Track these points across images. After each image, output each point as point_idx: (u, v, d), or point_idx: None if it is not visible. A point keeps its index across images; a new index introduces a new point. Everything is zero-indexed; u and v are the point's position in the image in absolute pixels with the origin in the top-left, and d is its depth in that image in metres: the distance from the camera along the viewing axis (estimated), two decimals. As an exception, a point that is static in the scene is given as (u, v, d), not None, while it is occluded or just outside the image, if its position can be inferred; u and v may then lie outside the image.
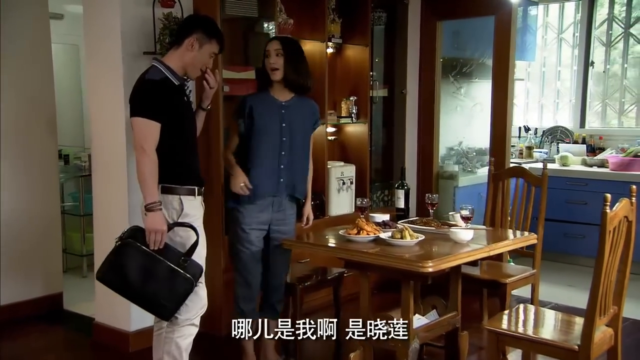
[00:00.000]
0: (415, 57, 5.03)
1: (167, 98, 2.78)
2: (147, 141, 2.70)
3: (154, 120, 2.72)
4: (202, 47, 2.85)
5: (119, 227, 3.62)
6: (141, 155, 2.70)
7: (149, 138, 2.71)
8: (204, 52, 2.87)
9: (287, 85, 3.23)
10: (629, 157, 5.40)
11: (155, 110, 2.72)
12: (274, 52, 3.18)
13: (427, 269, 2.60)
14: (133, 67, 3.56)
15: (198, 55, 2.85)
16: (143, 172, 2.69)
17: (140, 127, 2.72)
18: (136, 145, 2.73)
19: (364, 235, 2.99)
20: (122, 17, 3.56)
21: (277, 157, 3.24)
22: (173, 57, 2.87)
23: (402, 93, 5.05)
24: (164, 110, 2.76)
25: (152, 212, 2.69)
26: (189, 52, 2.84)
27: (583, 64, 6.17)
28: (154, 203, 2.70)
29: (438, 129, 5.03)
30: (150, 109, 2.72)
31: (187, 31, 2.86)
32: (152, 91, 2.75)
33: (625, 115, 6.07)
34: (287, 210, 3.33)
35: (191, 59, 2.85)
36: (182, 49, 2.85)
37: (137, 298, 2.74)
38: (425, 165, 5.03)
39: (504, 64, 4.54)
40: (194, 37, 2.83)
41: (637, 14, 5.93)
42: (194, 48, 2.84)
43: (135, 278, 2.68)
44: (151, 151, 2.71)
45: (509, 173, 3.90)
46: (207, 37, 2.86)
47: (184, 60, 2.85)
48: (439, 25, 4.92)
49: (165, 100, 2.77)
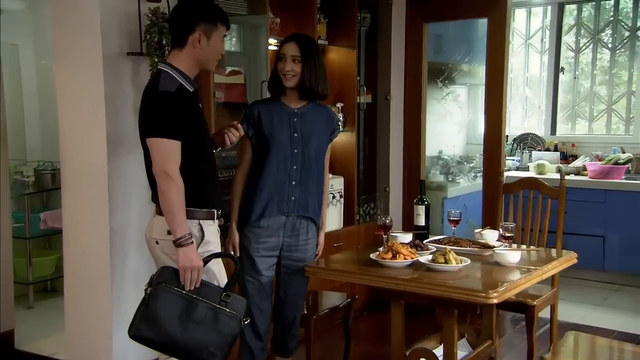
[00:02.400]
0: (400, 61, 4.76)
1: (186, 111, 2.38)
2: (171, 164, 2.31)
3: (175, 139, 2.32)
4: (210, 37, 2.45)
5: (98, 250, 3.19)
6: (166, 182, 2.30)
7: (172, 160, 2.31)
8: (215, 42, 2.47)
9: (302, 92, 2.85)
10: (609, 165, 5.34)
11: (175, 127, 2.33)
12: (290, 57, 2.79)
13: (491, 300, 2.30)
14: (115, 69, 3.12)
15: (209, 48, 2.46)
16: (170, 201, 2.30)
17: (161, 149, 2.32)
18: (158, 171, 2.33)
19: (401, 259, 2.67)
20: (102, 13, 3.07)
21: (288, 171, 2.85)
22: (181, 58, 2.46)
23: (386, 99, 4.76)
24: (184, 125, 2.36)
25: (183, 247, 2.31)
26: (197, 49, 2.44)
27: (553, 70, 6.10)
28: (185, 237, 2.30)
29: (425, 137, 4.76)
30: (170, 126, 2.33)
31: (188, 28, 2.44)
32: (170, 106, 2.34)
33: (595, 121, 6.04)
34: (302, 235, 2.92)
35: (203, 55, 2.46)
36: (188, 47, 2.45)
37: (182, 351, 2.32)
38: (412, 176, 4.76)
39: (499, 67, 4.34)
40: (198, 31, 2.43)
41: (606, 21, 5.91)
42: (201, 43, 2.44)
43: (175, 328, 2.27)
44: (177, 175, 2.31)
45: (522, 185, 3.67)
46: (212, 24, 2.46)
47: (196, 59, 2.47)
48: (425, 27, 4.66)
49: (184, 115, 2.37)
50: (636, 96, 5.73)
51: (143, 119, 2.41)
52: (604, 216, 5.28)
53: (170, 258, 2.39)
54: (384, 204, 4.80)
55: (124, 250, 3.24)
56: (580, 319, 4.40)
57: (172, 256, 2.38)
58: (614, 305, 4.81)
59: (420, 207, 3.20)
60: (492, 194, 4.40)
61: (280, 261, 2.90)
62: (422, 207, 3.20)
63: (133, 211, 3.25)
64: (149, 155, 2.41)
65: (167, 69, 2.43)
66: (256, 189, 2.79)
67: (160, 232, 2.43)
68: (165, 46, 3.14)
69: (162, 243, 2.43)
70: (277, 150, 2.82)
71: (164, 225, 2.38)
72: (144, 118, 2.40)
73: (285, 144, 2.83)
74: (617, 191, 5.26)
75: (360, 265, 2.74)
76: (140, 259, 3.26)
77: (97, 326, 3.27)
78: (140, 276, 3.27)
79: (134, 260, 3.27)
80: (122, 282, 3.24)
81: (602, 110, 5.98)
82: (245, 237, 2.82)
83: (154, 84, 2.40)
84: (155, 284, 2.31)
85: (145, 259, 3.28)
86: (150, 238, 2.49)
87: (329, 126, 2.98)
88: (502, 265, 2.69)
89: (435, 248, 2.89)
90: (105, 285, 3.21)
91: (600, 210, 5.27)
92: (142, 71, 3.22)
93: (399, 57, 4.75)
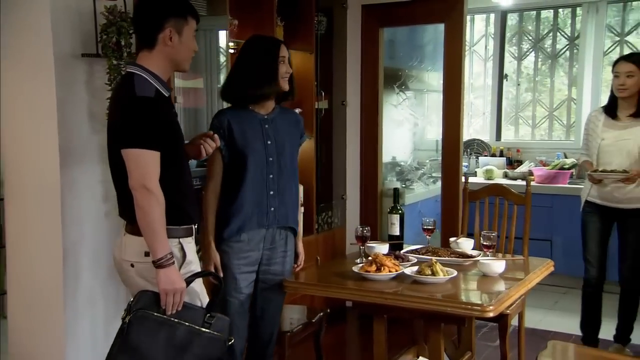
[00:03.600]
0: (356, 65, 4.67)
1: (165, 119, 2.19)
2: (151, 177, 2.10)
3: (154, 150, 2.12)
4: (181, 34, 2.25)
5: (49, 269, 2.91)
6: (146, 197, 2.09)
7: (151, 173, 2.11)
8: (187, 38, 2.28)
9: (285, 94, 2.75)
10: (555, 170, 5.45)
11: (154, 137, 2.13)
12: (287, 60, 2.70)
13: (488, 313, 2.23)
14: (68, 71, 2.86)
15: (182, 46, 2.27)
16: (151, 218, 2.09)
17: (140, 161, 2.11)
18: (136, 186, 2.11)
19: (386, 272, 2.56)
20: (53, 11, 2.81)
21: (265, 181, 2.70)
22: (152, 59, 2.25)
23: (342, 104, 4.66)
24: (163, 134, 2.16)
25: (164, 267, 2.11)
26: (169, 47, 2.24)
27: (497, 77, 6.18)
28: (166, 257, 2.09)
29: (382, 143, 4.69)
30: (149, 136, 2.13)
31: (156, 25, 2.24)
32: (149, 113, 2.14)
33: (537, 127, 6.17)
34: (280, 247, 2.78)
35: (176, 54, 2.27)
36: (159, 47, 2.25)
37: None
38: (369, 183, 4.68)
39: (457, 72, 4.33)
40: (168, 28, 2.23)
41: (546, 29, 6.05)
42: (173, 41, 2.24)
43: (159, 357, 2.05)
44: (157, 190, 2.11)
45: (488, 191, 3.65)
46: (182, 18, 2.26)
47: (168, 59, 2.27)
48: (381, 32, 4.59)
49: (163, 123, 2.18)
50: (577, 103, 5.88)
51: (116, 127, 2.19)
52: (551, 220, 5.38)
53: (149, 282, 2.17)
54: (341, 212, 4.70)
55: (77, 269, 2.98)
56: (536, 324, 4.44)
57: (152, 280, 2.16)
58: (565, 308, 4.89)
59: (395, 216, 3.12)
60: (451, 200, 4.39)
61: (257, 276, 2.74)
62: (397, 216, 3.12)
63: (87, 226, 3.00)
64: (119, 166, 2.20)
65: (139, 71, 2.22)
66: (234, 203, 2.62)
67: (135, 253, 2.21)
68: (124, 47, 2.92)
69: (138, 266, 2.20)
70: (252, 160, 2.67)
71: (140, 245, 2.17)
72: (117, 126, 2.19)
73: (261, 153, 2.69)
74: (562, 195, 5.37)
75: (343, 279, 2.62)
76: (95, 280, 3.02)
77: (47, 354, 2.99)
78: (95, 298, 3.03)
79: (88, 280, 3.02)
80: (75, 305, 2.97)
81: (544, 116, 6.11)
82: (225, 253, 2.64)
83: (129, 88, 2.17)
84: (133, 311, 2.08)
85: (100, 280, 3.05)
86: (123, 260, 2.26)
87: (298, 130, 2.89)
88: (487, 275, 2.63)
89: (415, 259, 2.80)
90: (57, 308, 2.93)
91: (547, 214, 5.36)
92: (98, 73, 2.98)
93: (354, 62, 4.66)
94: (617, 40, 5.70)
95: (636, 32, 5.62)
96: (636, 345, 3.96)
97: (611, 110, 3.74)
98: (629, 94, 3.64)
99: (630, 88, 3.62)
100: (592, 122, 3.84)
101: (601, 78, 5.71)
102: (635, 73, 3.61)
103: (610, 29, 5.73)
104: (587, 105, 5.73)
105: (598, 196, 3.75)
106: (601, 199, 3.74)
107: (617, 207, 3.70)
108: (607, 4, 5.67)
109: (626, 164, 3.60)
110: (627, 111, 3.68)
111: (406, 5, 4.46)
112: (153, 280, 2.14)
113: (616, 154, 3.66)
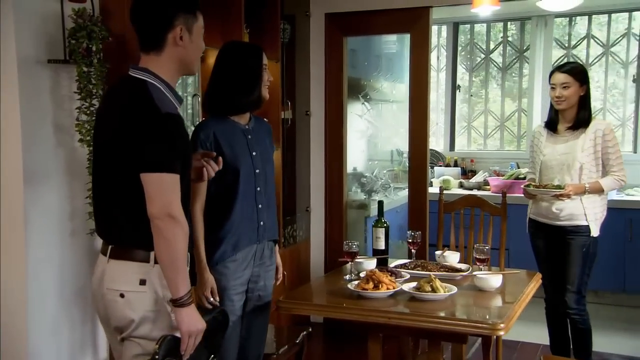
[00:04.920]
0: (320, 75, 4.57)
1: (186, 139, 2.00)
2: (175, 205, 1.85)
3: (175, 173, 1.88)
4: (192, 32, 2.01)
5: (12, 293, 2.65)
6: (171, 227, 1.83)
7: (175, 199, 1.85)
8: (196, 36, 2.04)
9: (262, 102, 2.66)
10: (510, 180, 5.51)
11: (176, 160, 1.89)
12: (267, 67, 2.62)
13: (499, 331, 2.17)
14: (32, 79, 2.65)
15: (192, 45, 2.02)
16: (176, 251, 1.84)
17: (164, 187, 1.84)
18: (159, 213, 1.83)
19: (384, 290, 2.46)
20: (16, 13, 2.59)
21: (254, 195, 2.57)
22: (161, 63, 1.98)
23: (306, 114, 4.56)
24: (182, 157, 1.94)
25: (186, 307, 1.87)
26: (180, 48, 1.99)
27: (451, 88, 6.23)
28: (188, 295, 1.88)
29: (346, 154, 4.61)
30: (174, 159, 1.88)
31: (166, 23, 1.97)
32: (175, 134, 1.90)
33: (489, 138, 6.25)
34: (267, 262, 2.66)
35: (187, 55, 2.02)
36: (169, 48, 1.98)
37: None
38: (334, 195, 4.58)
39: (423, 83, 4.29)
40: (179, 26, 1.97)
41: (497, 42, 6.15)
42: (184, 40, 1.99)
43: None
44: (183, 218, 1.87)
45: (464, 203, 3.62)
46: (192, 14, 2.02)
47: (179, 62, 2.01)
48: (345, 41, 4.52)
49: (185, 144, 1.98)
50: (527, 114, 6.00)
51: (134, 146, 1.87)
52: (508, 230, 5.42)
53: (141, 314, 1.93)
54: (305, 224, 4.58)
55: (42, 294, 2.74)
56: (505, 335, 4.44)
57: (146, 313, 1.92)
58: (528, 317, 4.87)
59: (380, 229, 3.03)
60: (418, 211, 4.35)
61: (246, 294, 2.58)
62: (382, 230, 3.03)
63: (53, 248, 2.78)
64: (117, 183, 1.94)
65: (151, 79, 1.95)
66: (227, 220, 2.47)
67: (127, 281, 1.93)
68: (95, 53, 2.73)
69: (130, 296, 1.92)
70: (242, 174, 2.53)
71: (134, 273, 1.92)
72: (134, 145, 1.87)
73: (249, 165, 2.56)
74: (518, 205, 5.40)
75: (339, 298, 2.51)
76: (61, 305, 2.82)
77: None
78: (60, 326, 2.80)
79: (54, 306, 2.79)
80: (39, 333, 2.73)
81: (496, 127, 6.21)
82: (222, 275, 2.48)
83: (147, 101, 1.89)
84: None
85: (65, 304, 2.83)
86: (108, 290, 1.95)
87: (270, 139, 2.79)
88: (483, 290, 2.58)
89: (408, 275, 2.72)
90: (20, 336, 2.68)
91: (504, 223, 5.40)
92: (64, 81, 2.77)
93: (318, 71, 4.57)
94: (564, 53, 5.86)
95: (581, 45, 5.79)
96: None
97: (552, 124, 3.52)
98: (566, 105, 3.40)
99: (568, 99, 3.38)
100: (535, 137, 3.63)
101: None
102: (571, 84, 3.37)
103: (557, 42, 5.88)
104: (538, 116, 5.85)
105: (538, 213, 3.55)
106: (541, 216, 3.53)
107: (556, 225, 3.45)
108: (554, 17, 5.81)
109: (567, 179, 3.38)
110: (567, 124, 3.46)
111: (371, 15, 4.40)
112: (147, 313, 1.92)
113: (557, 170, 3.43)
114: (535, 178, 3.56)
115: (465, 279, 2.75)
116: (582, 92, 3.41)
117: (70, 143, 2.80)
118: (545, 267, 3.48)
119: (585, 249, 3.37)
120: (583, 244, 3.37)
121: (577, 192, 3.32)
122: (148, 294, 1.91)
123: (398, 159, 6.21)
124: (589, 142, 3.37)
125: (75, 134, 2.76)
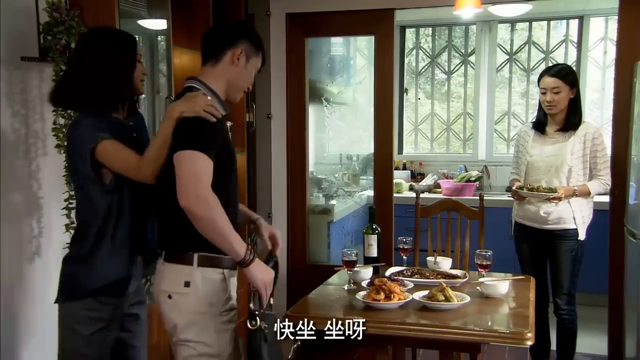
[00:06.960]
0: (281, 76, 4.43)
1: (220, 135, 2.08)
2: (202, 182, 1.89)
3: (208, 157, 1.93)
4: (248, 61, 2.16)
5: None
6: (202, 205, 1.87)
7: (204, 180, 1.90)
8: (251, 68, 2.18)
9: None
10: (461, 183, 5.58)
11: (208, 145, 1.96)
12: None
13: (527, 341, 2.13)
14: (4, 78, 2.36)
15: (244, 72, 2.16)
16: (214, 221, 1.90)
17: (190, 164, 1.90)
18: (188, 193, 1.86)
19: (396, 300, 2.38)
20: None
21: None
22: (214, 75, 2.13)
23: (267, 117, 4.41)
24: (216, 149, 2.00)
25: (253, 263, 1.99)
26: (233, 66, 2.13)
27: (398, 91, 6.23)
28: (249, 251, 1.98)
29: (308, 158, 4.50)
30: (202, 142, 1.95)
31: (231, 40, 2.14)
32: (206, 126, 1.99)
33: (436, 141, 6.31)
34: None
35: (237, 77, 2.15)
36: (224, 64, 2.13)
37: None
38: (296, 200, 4.45)
39: (388, 86, 4.26)
40: (241, 47, 2.13)
41: (442, 45, 6.22)
42: (239, 62, 2.13)
43: None
44: (210, 193, 1.90)
45: (441, 207, 3.59)
46: (255, 49, 2.18)
47: (228, 81, 2.15)
48: (306, 42, 4.40)
49: (219, 138, 2.04)
50: (473, 117, 6.09)
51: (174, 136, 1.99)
52: (461, 231, 5.48)
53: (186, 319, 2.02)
54: (268, 231, 4.42)
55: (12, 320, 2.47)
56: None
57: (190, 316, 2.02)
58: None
59: (372, 236, 2.94)
60: (384, 216, 4.30)
61: None
62: (374, 237, 2.94)
63: (24, 265, 2.51)
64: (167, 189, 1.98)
65: (199, 86, 2.10)
66: None
67: (175, 283, 2.03)
68: (74, 50, 2.48)
69: (176, 298, 2.02)
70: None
71: (180, 274, 2.02)
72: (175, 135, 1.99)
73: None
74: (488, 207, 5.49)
75: (349, 310, 2.40)
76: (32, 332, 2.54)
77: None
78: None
79: (25, 334, 2.52)
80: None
81: (442, 130, 6.27)
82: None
83: None
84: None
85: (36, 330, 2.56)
86: (162, 291, 2.06)
87: None
88: (490, 297, 2.54)
89: (412, 283, 2.65)
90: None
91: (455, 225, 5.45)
92: (34, 81, 2.51)
93: (279, 73, 4.43)
94: (507, 58, 6.00)
95: (523, 50, 5.96)
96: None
97: (540, 125, 3.49)
98: (558, 110, 3.38)
99: (559, 104, 3.37)
100: (522, 137, 3.59)
101: (495, 93, 5.97)
102: (562, 88, 3.35)
103: (500, 47, 6.02)
104: (483, 119, 5.96)
105: (524, 217, 3.50)
106: (528, 220, 3.49)
107: (543, 229, 3.43)
108: (497, 23, 5.94)
109: (555, 181, 3.37)
110: (556, 126, 3.44)
111: (333, 15, 4.32)
112: (191, 316, 2.01)
113: (544, 171, 3.42)
114: (520, 179, 3.55)
115: (464, 285, 2.70)
116: (572, 94, 3.41)
117: (44, 151, 2.55)
118: (529, 270, 3.44)
119: (574, 253, 3.39)
120: (572, 248, 3.39)
121: (567, 195, 3.32)
122: (191, 296, 2.00)
123: (347, 162, 6.16)
124: (578, 145, 3.38)
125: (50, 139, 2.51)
